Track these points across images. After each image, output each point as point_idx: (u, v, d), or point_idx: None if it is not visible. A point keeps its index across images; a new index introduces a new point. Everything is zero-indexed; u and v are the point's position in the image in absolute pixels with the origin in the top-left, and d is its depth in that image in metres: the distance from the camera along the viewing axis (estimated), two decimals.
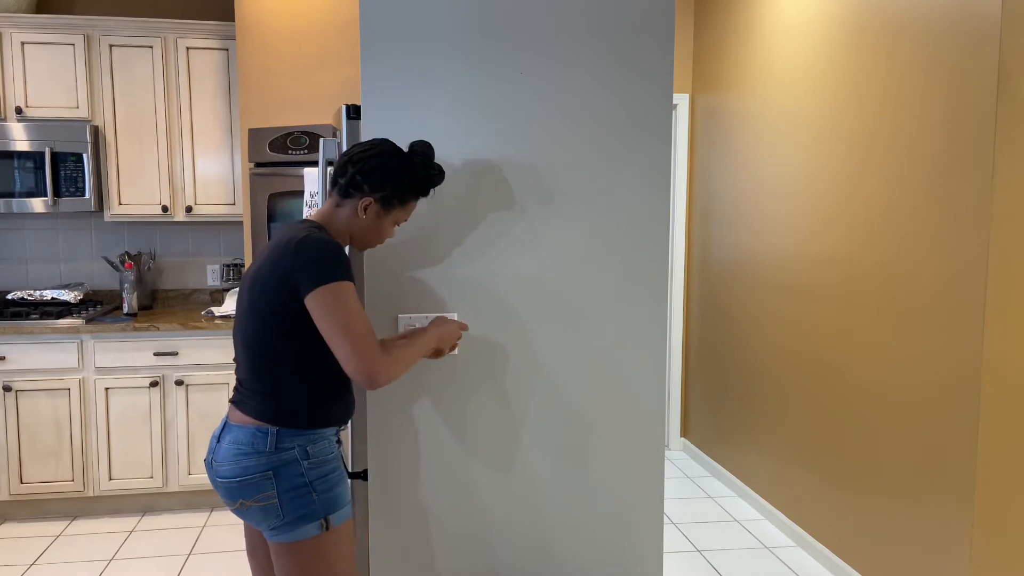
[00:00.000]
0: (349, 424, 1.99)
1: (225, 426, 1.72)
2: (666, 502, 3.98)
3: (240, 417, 1.70)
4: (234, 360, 1.75)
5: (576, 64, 1.95)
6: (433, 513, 1.99)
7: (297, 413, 1.67)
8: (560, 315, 1.99)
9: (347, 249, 1.93)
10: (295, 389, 1.67)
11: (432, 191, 1.90)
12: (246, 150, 3.58)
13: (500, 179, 1.94)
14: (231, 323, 3.71)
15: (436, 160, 1.91)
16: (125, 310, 3.90)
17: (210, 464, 1.72)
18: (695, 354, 4.65)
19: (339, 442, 1.79)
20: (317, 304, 1.58)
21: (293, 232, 1.66)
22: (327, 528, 1.68)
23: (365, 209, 1.72)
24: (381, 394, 1.94)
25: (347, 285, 1.61)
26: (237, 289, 3.40)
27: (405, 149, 1.90)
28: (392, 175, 1.71)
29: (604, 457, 2.04)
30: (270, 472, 1.65)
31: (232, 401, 1.75)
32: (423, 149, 1.73)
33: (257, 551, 1.86)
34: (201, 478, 3.74)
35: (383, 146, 1.73)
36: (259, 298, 1.65)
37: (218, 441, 1.72)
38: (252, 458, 1.65)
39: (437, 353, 1.83)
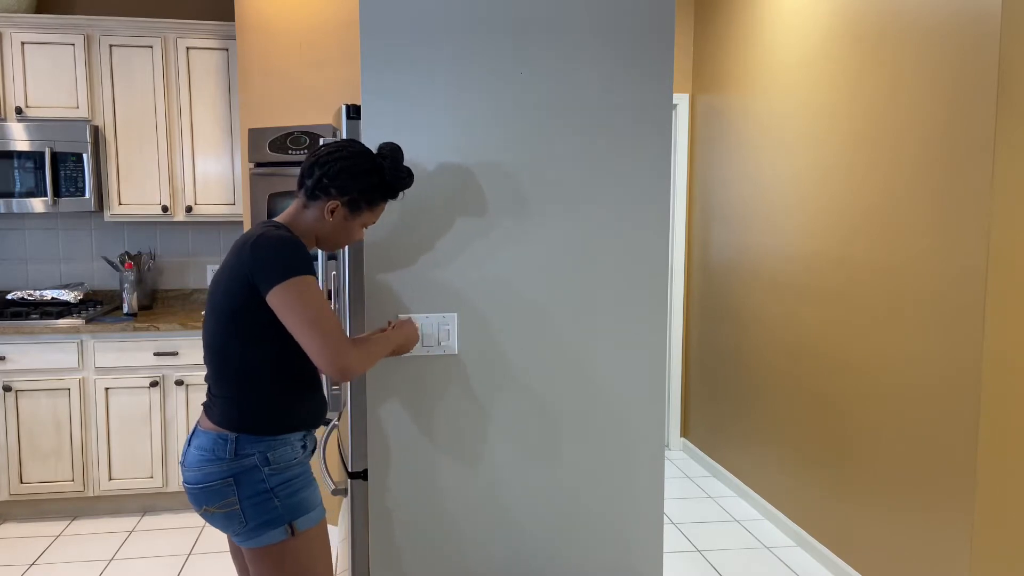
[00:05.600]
0: (349, 425, 1.99)
1: (195, 431, 1.74)
2: (666, 502, 3.98)
3: (206, 423, 1.71)
4: (204, 360, 1.75)
5: (576, 64, 1.95)
6: (433, 513, 1.99)
7: (256, 419, 1.66)
8: (560, 315, 1.99)
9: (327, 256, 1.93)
10: (254, 395, 1.66)
11: (401, 194, 1.88)
12: (246, 150, 3.58)
13: (500, 178, 1.94)
14: None
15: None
16: (125, 310, 3.90)
17: (182, 467, 1.74)
18: (695, 354, 4.65)
19: (305, 447, 1.77)
20: (280, 301, 1.57)
21: (251, 232, 1.65)
22: (292, 533, 1.68)
23: (332, 212, 1.70)
24: (381, 394, 1.94)
25: (308, 279, 1.59)
26: None
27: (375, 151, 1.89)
28: (359, 179, 1.68)
29: (604, 457, 2.04)
30: (231, 479, 1.65)
31: (203, 405, 1.76)
32: (392, 152, 1.71)
33: (238, 552, 1.88)
34: None
35: (351, 147, 1.69)
36: (220, 300, 1.65)
37: (188, 446, 1.73)
38: (214, 464, 1.66)
39: (398, 351, 1.84)
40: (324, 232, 1.73)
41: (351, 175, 1.67)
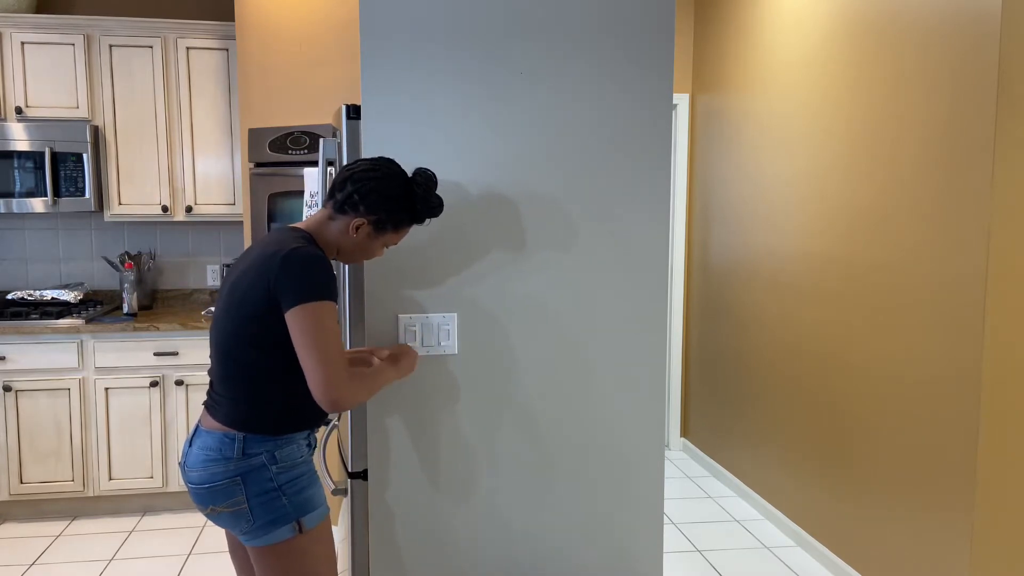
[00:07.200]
0: (349, 425, 1.99)
1: (196, 431, 1.73)
2: (666, 502, 3.98)
3: (210, 423, 1.71)
4: (210, 357, 1.76)
5: (576, 63, 1.95)
6: (433, 512, 1.99)
7: (264, 420, 1.67)
8: (560, 315, 1.99)
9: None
10: (263, 397, 1.67)
11: (427, 221, 1.90)
12: (246, 150, 3.58)
13: (500, 177, 1.94)
14: None
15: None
16: (125, 310, 3.90)
17: (182, 468, 1.73)
18: (695, 354, 4.65)
19: (310, 445, 1.79)
20: (296, 321, 1.58)
21: (281, 243, 1.64)
22: (300, 531, 1.69)
23: (357, 229, 1.71)
24: (381, 394, 1.94)
25: (328, 305, 1.60)
26: None
27: (406, 168, 1.89)
28: (390, 201, 1.69)
29: (604, 457, 2.04)
30: (238, 478, 1.66)
31: (204, 404, 1.76)
32: (426, 180, 1.71)
33: (237, 550, 1.88)
34: None
35: (386, 168, 1.70)
36: (238, 305, 1.65)
37: (190, 446, 1.73)
38: (220, 464, 1.66)
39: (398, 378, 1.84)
40: (346, 246, 1.74)
41: (382, 196, 1.68)
